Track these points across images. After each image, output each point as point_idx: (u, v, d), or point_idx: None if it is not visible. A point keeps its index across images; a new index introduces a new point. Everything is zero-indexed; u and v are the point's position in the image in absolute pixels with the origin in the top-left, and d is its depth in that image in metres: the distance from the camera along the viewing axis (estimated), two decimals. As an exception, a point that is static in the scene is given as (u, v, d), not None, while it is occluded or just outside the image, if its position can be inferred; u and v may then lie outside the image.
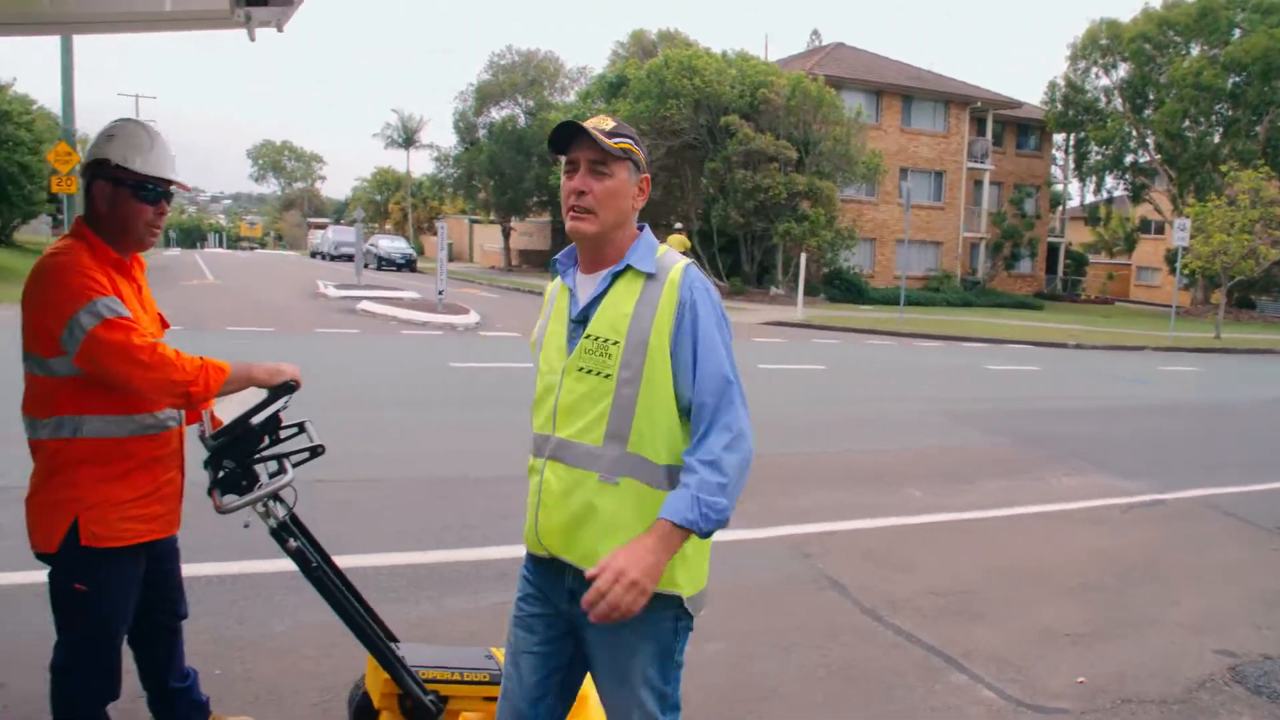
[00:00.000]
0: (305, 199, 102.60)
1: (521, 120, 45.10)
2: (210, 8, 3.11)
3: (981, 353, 22.01)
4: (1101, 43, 44.97)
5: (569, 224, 2.46)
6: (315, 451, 3.10)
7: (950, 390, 15.13)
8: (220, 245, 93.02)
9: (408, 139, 55.53)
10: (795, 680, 4.58)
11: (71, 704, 3.06)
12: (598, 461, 2.41)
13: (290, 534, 3.04)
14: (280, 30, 3.17)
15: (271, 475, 3.03)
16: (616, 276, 2.47)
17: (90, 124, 29.96)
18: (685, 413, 2.45)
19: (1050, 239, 50.67)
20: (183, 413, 3.20)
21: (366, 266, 35.33)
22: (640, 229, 2.60)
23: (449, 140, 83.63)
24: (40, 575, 3.05)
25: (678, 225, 32.90)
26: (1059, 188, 53.27)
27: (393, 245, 45.04)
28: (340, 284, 28.48)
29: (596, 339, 2.42)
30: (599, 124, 2.45)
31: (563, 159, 2.51)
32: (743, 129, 31.65)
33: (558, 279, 2.61)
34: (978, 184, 45.11)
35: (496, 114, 46.06)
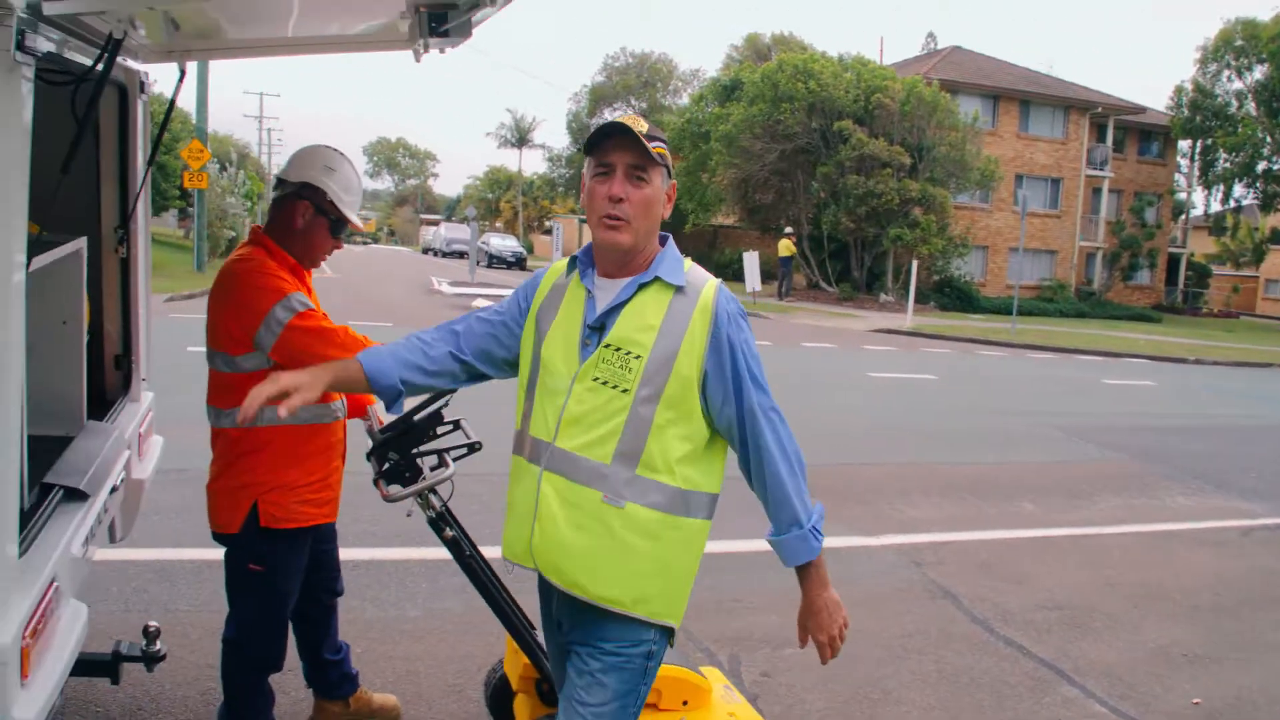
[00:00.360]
0: (418, 196, 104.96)
1: (634, 122, 45.62)
2: (391, 37, 3.39)
3: (1097, 366, 21.58)
4: (1236, 44, 43.37)
5: (600, 234, 2.34)
6: (473, 448, 3.27)
7: (1064, 404, 14.93)
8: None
9: (521, 139, 56.57)
10: (909, 685, 4.74)
11: (241, 674, 3.38)
12: (604, 481, 2.28)
13: (447, 524, 3.22)
14: (443, 53, 3.41)
15: (432, 469, 3.22)
16: (642, 287, 2.35)
17: (217, 122, 31.33)
18: (714, 436, 2.41)
19: (1171, 249, 49.08)
20: (345, 405, 3.49)
21: (478, 264, 36.09)
22: (664, 239, 2.49)
23: (561, 140, 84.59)
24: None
25: (787, 229, 32.90)
26: (1182, 196, 51.59)
27: (504, 243, 45.95)
28: (454, 280, 29.21)
29: (617, 350, 2.30)
30: (635, 125, 2.30)
31: (590, 160, 2.38)
32: (856, 134, 31.49)
33: (572, 273, 2.47)
34: (1096, 192, 43.98)
35: (609, 115, 46.55)
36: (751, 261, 28.39)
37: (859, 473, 9.12)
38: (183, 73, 3.55)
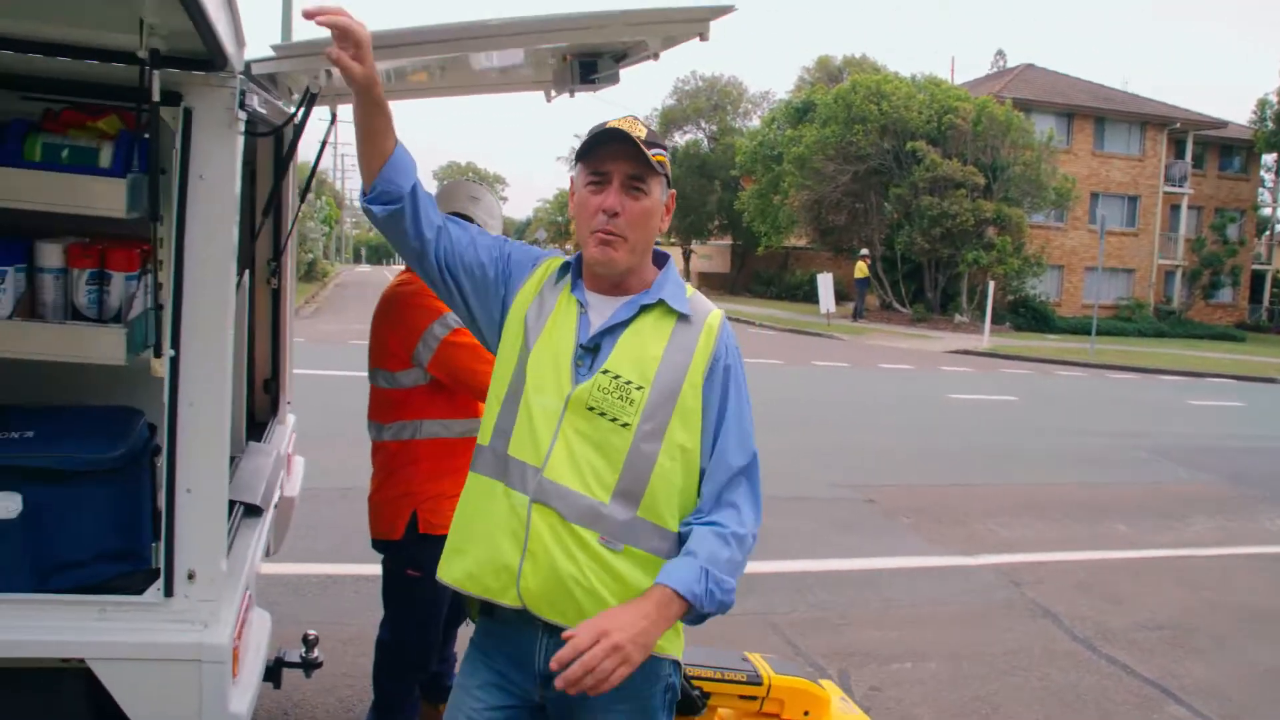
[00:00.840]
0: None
1: (705, 145, 45.82)
2: (532, 79, 3.59)
3: (1180, 386, 21.21)
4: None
5: (592, 250, 2.12)
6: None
7: (1149, 424, 14.74)
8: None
9: (591, 163, 57.07)
10: (1016, 701, 4.82)
11: (396, 676, 3.61)
12: (602, 522, 2.04)
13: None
14: (573, 96, 3.60)
15: None
16: (644, 309, 2.15)
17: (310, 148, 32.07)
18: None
19: (1255, 266, 47.89)
20: None
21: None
22: (664, 259, 2.29)
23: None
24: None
25: (863, 251, 32.83)
26: (1267, 211, 50.33)
27: (576, 267, 46.37)
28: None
29: (616, 378, 2.08)
30: (633, 129, 2.09)
31: (581, 167, 2.17)
32: (929, 154, 31.38)
33: (562, 280, 2.24)
34: (1174, 209, 43.16)
35: (680, 138, 46.95)
36: (825, 283, 28.41)
37: (950, 494, 9.18)
38: (334, 116, 3.81)
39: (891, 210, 33.42)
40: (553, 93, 3.53)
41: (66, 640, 2.32)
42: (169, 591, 2.38)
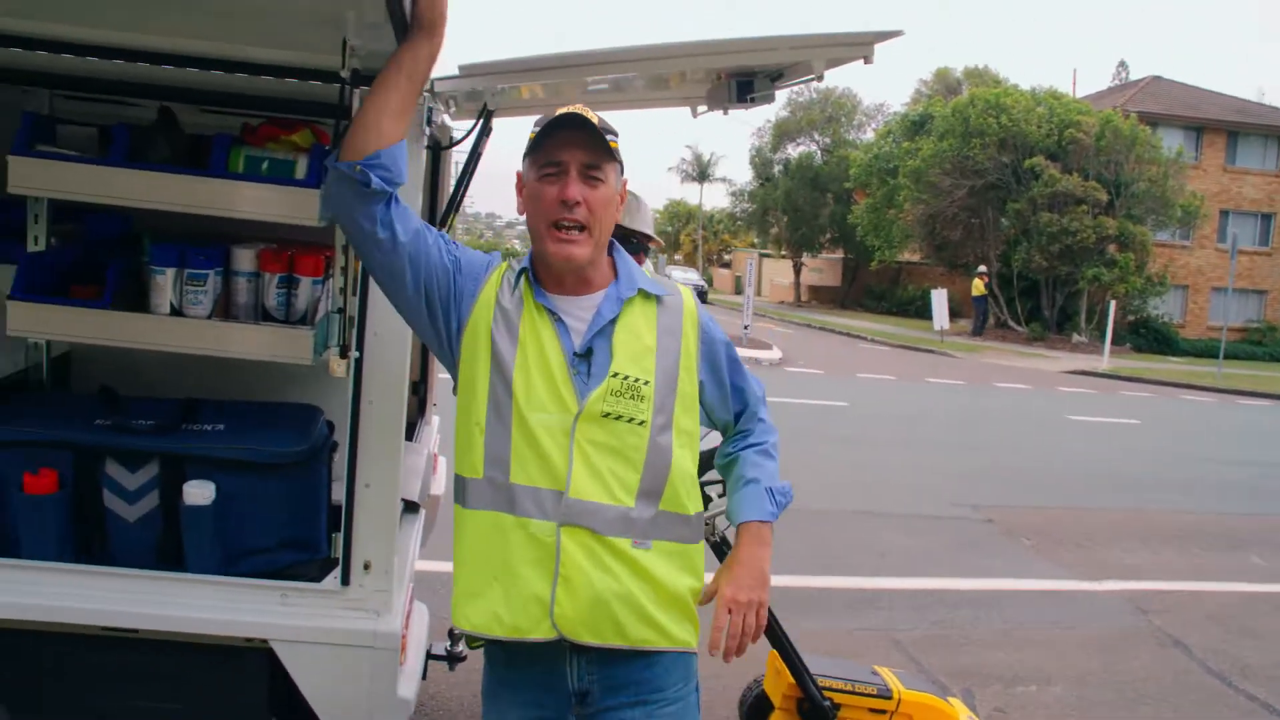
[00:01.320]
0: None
1: (818, 158, 45.51)
2: (684, 96, 3.67)
3: (1318, 415, 20.29)
4: None
5: (550, 246, 2.04)
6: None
7: (1284, 454, 14.16)
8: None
9: (702, 173, 57.23)
10: (1149, 731, 4.73)
11: None
12: (631, 525, 2.02)
13: (729, 547, 3.51)
14: (725, 113, 3.64)
15: (719, 496, 3.46)
16: (627, 302, 2.11)
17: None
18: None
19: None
20: None
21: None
22: (611, 242, 2.20)
23: (742, 175, 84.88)
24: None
25: (980, 269, 32.17)
26: None
27: (685, 276, 46.43)
28: (640, 313, 29.70)
29: (626, 378, 2.03)
30: (586, 114, 2.02)
31: (531, 159, 2.08)
32: (1049, 170, 30.63)
33: (517, 288, 2.10)
34: (1314, 228, 41.26)
35: (793, 150, 46.75)
36: (940, 299, 27.96)
37: (1071, 516, 8.97)
38: (489, 129, 3.94)
39: (1009, 226, 32.70)
40: (701, 108, 3.60)
41: (252, 621, 2.48)
42: (346, 580, 2.52)
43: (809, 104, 46.03)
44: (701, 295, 44.09)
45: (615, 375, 2.03)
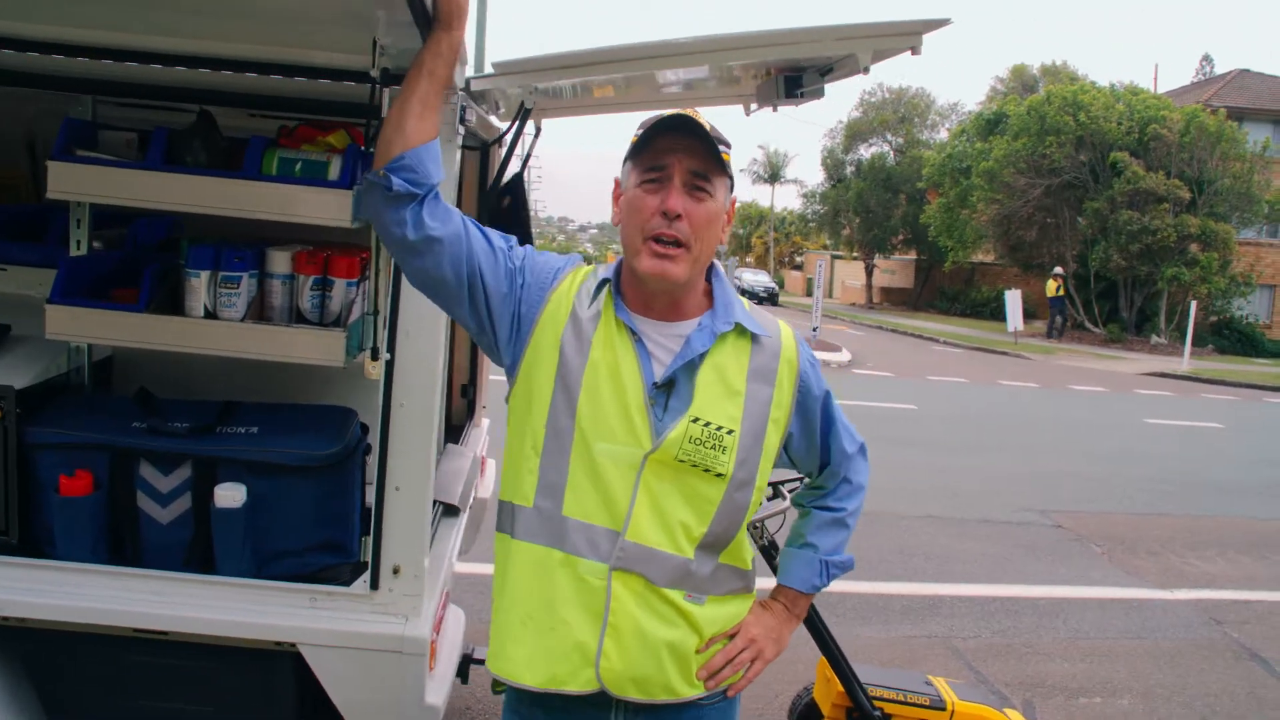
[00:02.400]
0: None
1: (890, 158, 44.97)
2: (735, 93, 3.60)
3: None
4: None
5: (646, 262, 1.83)
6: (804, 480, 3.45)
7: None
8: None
9: (773, 175, 56.88)
10: (1221, 750, 4.54)
11: None
12: (688, 579, 1.87)
13: (777, 551, 3.39)
14: (775, 110, 3.56)
15: (768, 499, 3.41)
16: (721, 337, 1.89)
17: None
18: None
19: None
20: None
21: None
22: (711, 265, 1.98)
23: (813, 176, 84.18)
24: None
25: (1056, 269, 31.41)
26: None
27: (756, 278, 46.38)
28: (709, 315, 29.63)
29: (708, 425, 1.84)
30: (698, 118, 1.84)
31: (633, 164, 1.89)
32: (1131, 167, 29.85)
33: (597, 299, 1.91)
34: None
35: (865, 151, 46.22)
36: (1014, 300, 27.44)
37: (1146, 523, 8.69)
38: (538, 130, 3.91)
39: (1085, 226, 31.94)
40: (754, 106, 3.53)
41: (281, 625, 2.47)
42: (375, 584, 2.50)
43: (881, 104, 45.52)
44: (772, 298, 43.95)
45: (696, 420, 1.83)
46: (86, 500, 2.53)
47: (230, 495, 2.52)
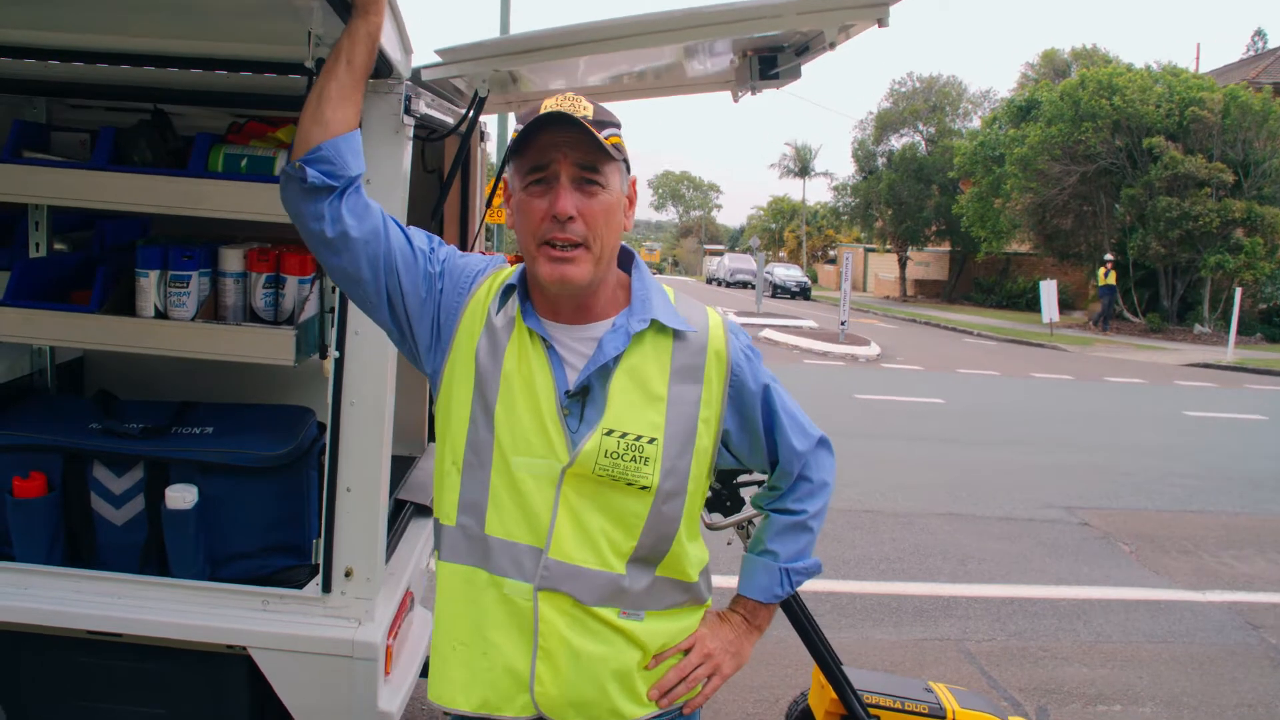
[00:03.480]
0: (702, 227, 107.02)
1: (921, 148, 44.55)
2: (715, 80, 3.53)
3: None
4: None
5: (545, 268, 1.71)
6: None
7: None
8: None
9: (803, 169, 56.65)
10: (1242, 754, 4.39)
11: None
12: (621, 596, 1.78)
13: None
14: (755, 94, 3.48)
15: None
16: (636, 337, 1.78)
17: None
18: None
19: None
20: None
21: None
22: (628, 256, 1.90)
23: (843, 169, 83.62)
24: None
25: (1107, 256, 30.76)
26: None
27: (788, 273, 46.21)
28: (741, 311, 29.58)
29: (624, 436, 1.73)
30: (575, 108, 1.69)
31: (514, 166, 1.77)
32: (1169, 151, 29.29)
33: (504, 305, 1.82)
34: None
35: (896, 142, 45.82)
36: (1049, 291, 27.06)
37: (1180, 520, 8.45)
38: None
39: (1123, 213, 31.43)
40: (740, 93, 3.46)
41: (232, 628, 2.44)
42: (327, 587, 2.46)
43: (911, 94, 45.10)
44: (804, 292, 43.71)
45: (610, 433, 1.72)
46: (40, 502, 2.52)
47: (181, 496, 2.49)
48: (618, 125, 1.75)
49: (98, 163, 2.52)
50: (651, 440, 1.74)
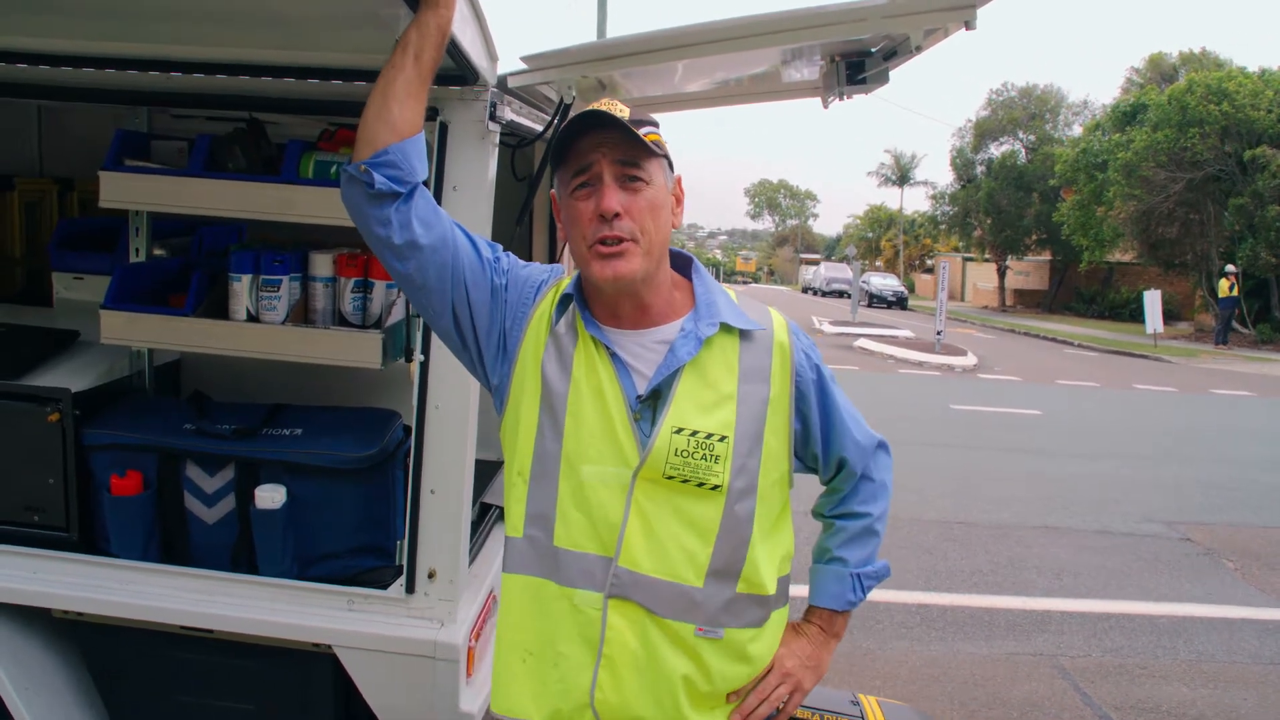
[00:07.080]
0: (798, 235, 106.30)
1: (1021, 156, 43.57)
2: (803, 85, 3.50)
3: None
4: None
5: (597, 268, 1.72)
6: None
7: None
8: (717, 278, 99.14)
9: (902, 177, 55.90)
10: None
11: None
12: (697, 610, 1.73)
13: None
14: (846, 99, 3.45)
15: None
16: (707, 341, 1.77)
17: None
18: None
19: None
20: None
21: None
22: (688, 262, 1.90)
23: (942, 177, 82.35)
24: None
25: (1229, 267, 29.57)
26: None
27: (884, 282, 45.56)
28: (835, 320, 29.30)
29: (693, 434, 1.72)
30: (612, 109, 1.70)
31: (560, 174, 1.79)
32: (1276, 159, 28.17)
33: (563, 316, 1.82)
34: None
35: (995, 150, 44.90)
36: (1153, 301, 26.24)
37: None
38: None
39: (1232, 221, 30.29)
40: (829, 98, 3.43)
41: (318, 626, 2.48)
42: (410, 588, 2.48)
43: (1010, 102, 44.18)
44: (901, 302, 43.07)
45: (680, 430, 1.71)
46: (136, 499, 2.59)
47: (270, 496, 2.54)
48: (655, 124, 1.76)
49: (193, 170, 2.59)
50: (722, 438, 1.73)
